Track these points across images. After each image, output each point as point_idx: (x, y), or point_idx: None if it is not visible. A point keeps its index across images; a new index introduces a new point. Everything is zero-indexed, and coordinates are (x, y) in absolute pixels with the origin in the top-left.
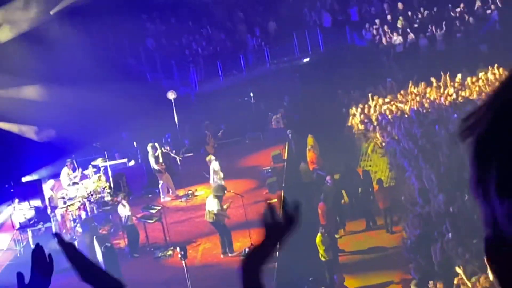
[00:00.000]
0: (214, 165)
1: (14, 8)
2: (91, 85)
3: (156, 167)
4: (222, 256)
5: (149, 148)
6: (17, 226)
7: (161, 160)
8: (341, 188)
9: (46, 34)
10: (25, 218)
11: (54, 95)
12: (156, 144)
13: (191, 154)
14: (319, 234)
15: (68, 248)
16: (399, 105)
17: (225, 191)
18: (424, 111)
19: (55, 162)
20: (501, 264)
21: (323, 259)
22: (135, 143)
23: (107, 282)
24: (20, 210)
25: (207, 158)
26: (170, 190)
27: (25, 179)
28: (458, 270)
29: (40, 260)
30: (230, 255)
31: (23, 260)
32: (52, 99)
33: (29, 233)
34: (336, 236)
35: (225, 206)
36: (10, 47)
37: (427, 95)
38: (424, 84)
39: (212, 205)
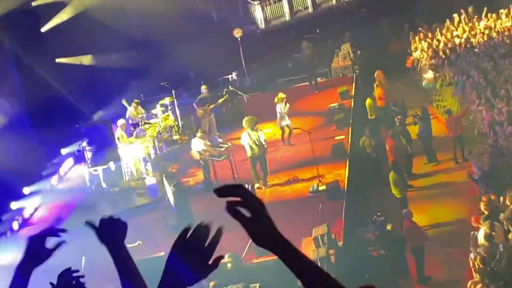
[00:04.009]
0: (282, 106)
1: None
2: (157, 26)
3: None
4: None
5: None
6: (89, 165)
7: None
8: (406, 124)
9: None
10: (95, 157)
11: (120, 36)
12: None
13: (258, 92)
14: (392, 172)
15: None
16: (468, 38)
17: (256, 124)
18: (494, 44)
19: (122, 101)
20: None
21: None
22: (202, 81)
23: None
24: (91, 149)
25: (276, 100)
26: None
27: (94, 117)
28: None
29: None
30: (263, 187)
31: (94, 198)
32: (118, 39)
33: (100, 172)
34: (404, 173)
35: (262, 139)
36: None
37: (497, 27)
38: (495, 16)
39: (245, 139)
